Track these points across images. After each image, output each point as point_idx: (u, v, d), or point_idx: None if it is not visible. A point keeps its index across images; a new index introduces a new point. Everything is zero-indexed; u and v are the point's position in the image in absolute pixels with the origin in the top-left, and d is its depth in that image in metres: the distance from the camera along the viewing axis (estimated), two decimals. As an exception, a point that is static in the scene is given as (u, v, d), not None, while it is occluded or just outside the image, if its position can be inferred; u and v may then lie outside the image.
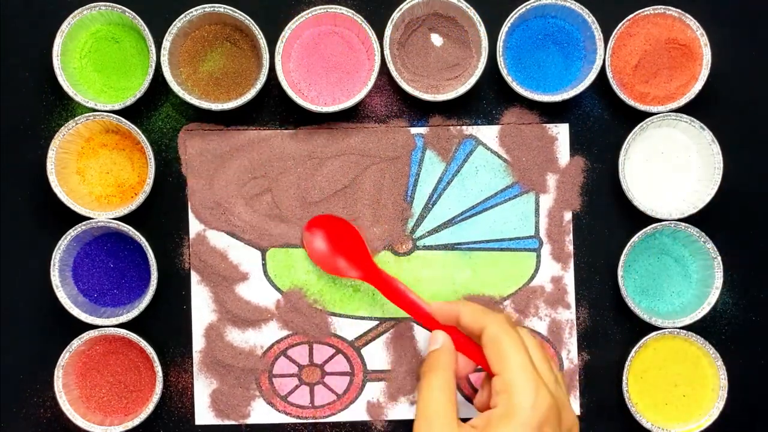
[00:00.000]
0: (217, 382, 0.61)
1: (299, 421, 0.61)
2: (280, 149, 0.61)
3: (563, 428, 0.48)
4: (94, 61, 0.60)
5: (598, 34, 0.58)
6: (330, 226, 0.60)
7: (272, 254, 0.61)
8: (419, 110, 0.61)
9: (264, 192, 0.61)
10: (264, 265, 0.61)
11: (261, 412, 0.61)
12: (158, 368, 0.58)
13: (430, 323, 0.55)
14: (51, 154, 0.58)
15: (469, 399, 0.61)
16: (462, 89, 0.59)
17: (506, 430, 0.46)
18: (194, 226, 0.61)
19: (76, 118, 0.58)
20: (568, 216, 0.62)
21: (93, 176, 0.60)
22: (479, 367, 0.53)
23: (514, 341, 0.49)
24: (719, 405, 0.59)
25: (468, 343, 0.54)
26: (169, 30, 0.58)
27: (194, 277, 0.61)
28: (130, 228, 0.58)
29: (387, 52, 0.58)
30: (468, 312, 0.52)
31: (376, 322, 0.62)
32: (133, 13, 0.58)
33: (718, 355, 0.59)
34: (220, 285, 0.61)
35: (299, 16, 0.58)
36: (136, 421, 0.59)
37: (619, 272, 0.60)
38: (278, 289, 0.61)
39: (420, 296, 0.56)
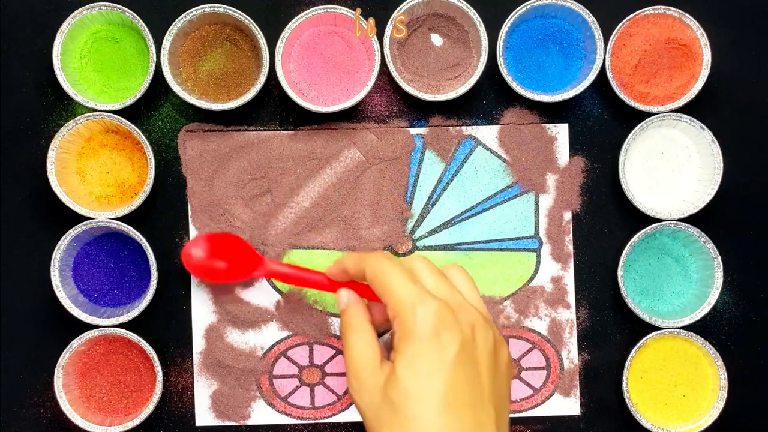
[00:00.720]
0: (217, 383, 0.61)
1: (300, 422, 0.61)
2: (279, 150, 0.61)
3: (464, 325, 0.46)
4: (94, 61, 0.60)
5: (598, 34, 0.58)
6: (208, 243, 0.59)
7: (272, 254, 0.61)
8: (419, 110, 0.61)
9: (264, 193, 0.61)
10: (264, 265, 0.61)
11: (261, 413, 0.61)
12: (158, 368, 0.58)
13: (334, 287, 0.54)
14: (51, 154, 0.58)
15: None
16: (462, 89, 0.59)
17: (408, 348, 0.45)
18: (194, 227, 0.61)
19: (76, 118, 0.58)
20: (567, 216, 0.62)
21: (93, 176, 0.60)
22: None
23: (389, 268, 0.48)
24: (719, 405, 0.59)
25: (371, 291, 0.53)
26: (169, 30, 0.58)
27: (194, 278, 0.61)
28: (130, 228, 0.58)
29: (387, 52, 0.58)
30: (350, 262, 0.52)
31: (376, 323, 0.61)
32: (133, 13, 0.58)
33: (718, 355, 0.59)
34: (219, 286, 0.61)
35: (299, 16, 0.58)
36: (136, 422, 0.59)
37: (619, 272, 0.60)
38: (278, 290, 0.61)
39: (311, 268, 0.56)
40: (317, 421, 0.61)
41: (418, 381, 0.44)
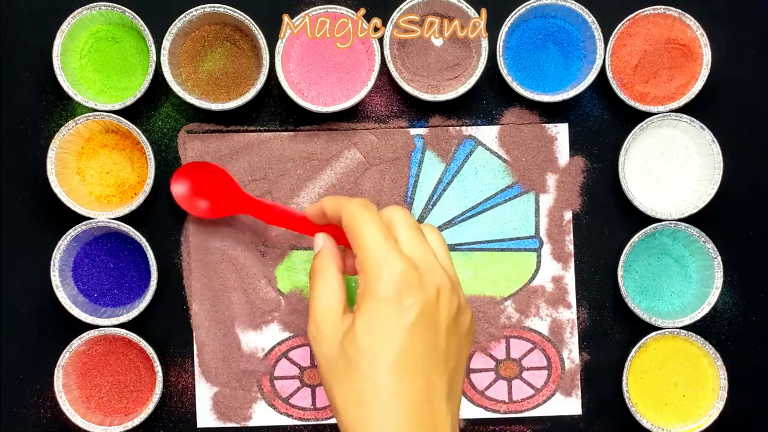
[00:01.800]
0: (218, 385, 0.61)
1: (301, 423, 0.61)
2: (279, 151, 0.61)
3: (429, 288, 0.46)
4: (94, 61, 0.60)
5: (598, 34, 0.59)
6: (194, 174, 0.59)
7: (272, 255, 0.61)
8: (419, 110, 0.61)
9: (264, 194, 0.61)
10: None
11: (263, 415, 0.61)
12: (158, 368, 0.58)
13: (312, 230, 0.53)
14: (51, 154, 0.58)
15: None
16: (462, 89, 0.59)
17: (368, 306, 0.45)
18: (194, 228, 0.61)
19: (76, 118, 0.58)
20: (568, 216, 0.62)
21: (93, 176, 0.60)
22: None
23: (365, 218, 0.47)
24: (719, 405, 0.59)
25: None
26: (169, 30, 0.58)
27: (194, 280, 0.61)
28: (130, 228, 0.58)
29: (387, 52, 0.58)
30: (328, 204, 0.51)
31: (377, 323, 0.61)
32: (133, 13, 0.58)
33: (718, 355, 0.59)
34: (220, 287, 0.61)
35: (299, 16, 0.58)
36: (136, 421, 0.58)
37: (619, 272, 0.60)
38: (279, 292, 0.61)
39: (293, 208, 0.56)
40: (319, 422, 0.61)
41: (374, 340, 0.44)
